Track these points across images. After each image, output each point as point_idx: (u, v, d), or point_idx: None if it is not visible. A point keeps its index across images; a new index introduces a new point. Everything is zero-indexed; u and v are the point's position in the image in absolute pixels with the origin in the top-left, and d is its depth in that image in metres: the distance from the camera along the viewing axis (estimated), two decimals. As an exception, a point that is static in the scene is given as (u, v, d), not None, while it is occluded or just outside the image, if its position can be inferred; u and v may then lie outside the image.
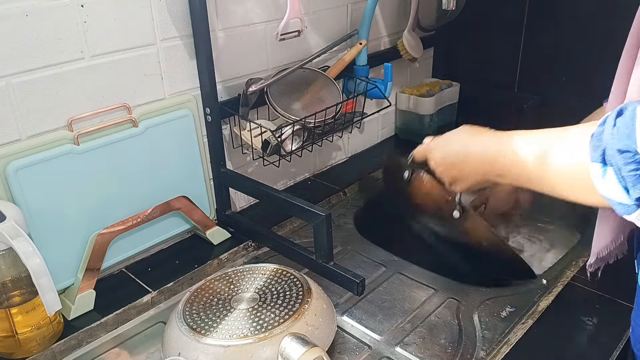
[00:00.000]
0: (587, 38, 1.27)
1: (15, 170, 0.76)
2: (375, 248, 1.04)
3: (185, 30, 0.93)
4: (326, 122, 1.07)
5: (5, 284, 0.74)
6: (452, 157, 0.79)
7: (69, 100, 0.82)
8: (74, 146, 0.82)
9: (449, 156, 0.80)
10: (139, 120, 0.89)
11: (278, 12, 1.06)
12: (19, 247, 0.68)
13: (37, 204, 0.79)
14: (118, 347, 0.83)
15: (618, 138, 0.54)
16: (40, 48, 0.77)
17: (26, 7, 0.74)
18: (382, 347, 0.80)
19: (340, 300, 0.89)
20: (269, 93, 1.03)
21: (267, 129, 1.01)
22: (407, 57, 1.35)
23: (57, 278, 0.82)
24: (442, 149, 0.81)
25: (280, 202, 0.91)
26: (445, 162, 0.80)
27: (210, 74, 0.94)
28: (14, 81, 0.76)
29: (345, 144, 1.36)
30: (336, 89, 1.12)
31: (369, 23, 1.18)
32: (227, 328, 0.73)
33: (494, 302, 0.87)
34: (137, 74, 0.89)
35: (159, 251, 1.00)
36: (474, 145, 0.76)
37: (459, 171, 0.78)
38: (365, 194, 1.24)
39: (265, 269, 0.86)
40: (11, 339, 0.75)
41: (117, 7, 0.84)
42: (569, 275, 0.91)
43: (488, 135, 0.75)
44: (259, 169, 1.14)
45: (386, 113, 1.44)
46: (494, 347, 0.78)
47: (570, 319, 0.83)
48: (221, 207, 1.05)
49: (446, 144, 0.81)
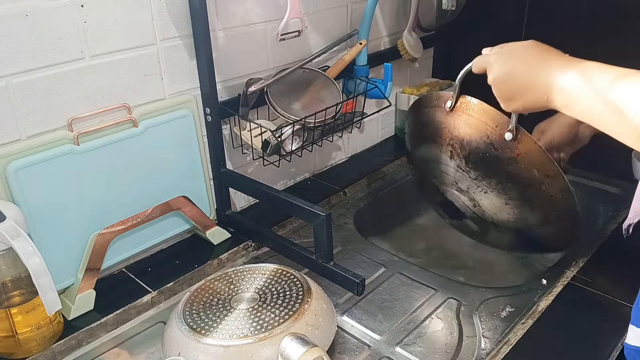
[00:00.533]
0: (587, 38, 1.27)
1: (15, 170, 0.76)
2: (375, 248, 1.04)
3: (185, 30, 0.93)
4: (326, 122, 1.07)
5: (5, 284, 0.74)
6: (516, 75, 0.72)
7: (69, 100, 0.82)
8: (74, 146, 0.82)
9: (512, 74, 0.73)
10: (139, 120, 0.89)
11: (278, 12, 1.06)
12: (19, 247, 0.68)
13: (37, 204, 0.79)
14: (118, 347, 0.83)
15: None
16: (40, 48, 0.77)
17: (26, 7, 0.74)
18: (382, 347, 0.80)
19: (340, 300, 0.89)
20: (269, 93, 1.03)
21: (267, 129, 1.01)
22: (407, 57, 1.35)
23: (57, 278, 0.82)
24: (506, 65, 0.74)
25: (280, 202, 0.91)
26: (507, 79, 0.73)
27: (210, 74, 0.94)
28: (14, 81, 0.76)
29: (345, 144, 1.36)
30: (336, 89, 1.12)
31: (369, 23, 1.18)
32: (227, 328, 0.73)
33: (494, 302, 0.87)
34: (137, 74, 0.89)
35: (159, 251, 1.00)
36: (543, 67, 0.69)
37: (521, 90, 0.72)
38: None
39: (265, 269, 0.86)
40: (11, 339, 0.75)
41: (117, 7, 0.84)
42: (569, 275, 0.91)
43: (559, 58, 0.69)
44: (259, 169, 1.14)
45: (386, 113, 1.44)
46: (494, 347, 0.78)
47: (570, 319, 0.83)
48: (221, 207, 1.05)
49: (511, 59, 0.74)
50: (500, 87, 0.74)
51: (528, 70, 0.71)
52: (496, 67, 0.75)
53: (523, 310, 0.85)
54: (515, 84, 0.72)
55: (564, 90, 0.66)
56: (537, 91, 0.70)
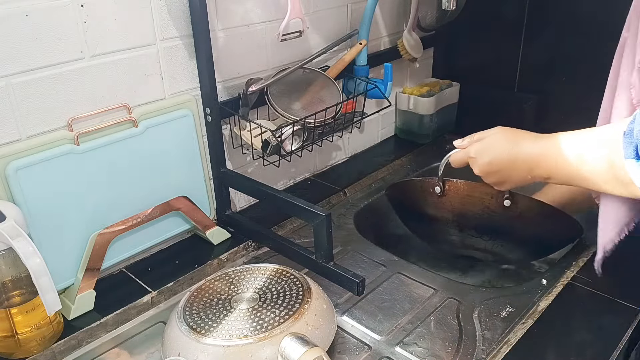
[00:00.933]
0: (587, 38, 1.27)
1: (15, 170, 0.76)
2: (375, 248, 1.04)
3: (185, 30, 0.93)
4: (326, 122, 1.07)
5: (5, 284, 0.74)
6: (497, 163, 0.82)
7: (69, 100, 0.82)
8: (74, 146, 0.82)
9: (494, 162, 0.82)
10: (139, 120, 0.89)
11: (278, 12, 1.06)
12: (19, 247, 0.68)
13: (37, 204, 0.79)
14: (118, 347, 0.83)
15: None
16: (40, 48, 0.77)
17: (26, 7, 0.74)
18: (382, 347, 0.80)
19: (340, 300, 0.89)
20: (269, 93, 1.03)
21: (267, 129, 1.01)
22: (407, 57, 1.35)
23: (57, 278, 0.82)
24: (486, 156, 0.83)
25: (280, 202, 0.91)
26: (492, 168, 0.83)
27: (210, 74, 0.94)
28: (14, 81, 0.76)
29: (345, 144, 1.36)
30: (336, 89, 1.12)
31: (369, 23, 1.18)
32: (227, 328, 0.73)
33: (494, 302, 0.87)
34: (137, 74, 0.89)
35: (159, 251, 1.00)
36: (519, 151, 0.79)
37: (507, 175, 0.82)
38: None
39: (265, 269, 0.86)
40: (11, 339, 0.75)
41: (117, 7, 0.84)
42: (569, 275, 0.91)
43: (529, 139, 0.79)
44: (259, 169, 1.14)
45: (386, 113, 1.44)
46: (494, 347, 0.78)
47: (570, 319, 0.83)
48: (221, 207, 1.05)
49: (489, 150, 0.83)
50: (488, 175, 0.84)
51: (507, 157, 0.80)
52: (479, 161, 0.84)
53: (523, 310, 0.85)
54: (500, 171, 0.82)
55: (542, 166, 0.76)
56: (521, 172, 0.79)
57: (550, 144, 0.75)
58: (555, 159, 0.73)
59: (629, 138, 0.60)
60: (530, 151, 0.78)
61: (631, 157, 0.59)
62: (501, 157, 0.81)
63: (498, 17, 1.41)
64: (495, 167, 0.82)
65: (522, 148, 0.79)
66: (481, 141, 0.85)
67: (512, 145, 0.80)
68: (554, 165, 0.74)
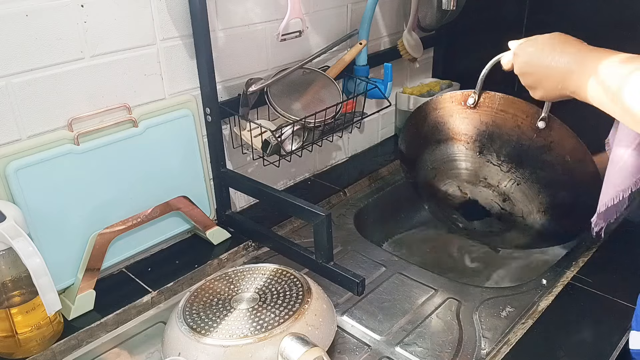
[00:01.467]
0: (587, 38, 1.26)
1: (15, 170, 0.76)
2: (375, 248, 1.04)
3: (185, 30, 0.93)
4: (326, 122, 1.07)
5: (5, 284, 0.74)
6: (535, 62, 0.77)
7: (69, 100, 0.82)
8: (74, 146, 0.82)
9: (532, 60, 0.77)
10: (139, 120, 0.89)
11: (278, 12, 1.06)
12: (19, 247, 0.68)
13: (37, 204, 0.79)
14: (118, 347, 0.82)
15: None
16: (40, 48, 0.77)
17: (26, 7, 0.74)
18: (382, 347, 0.80)
19: (340, 300, 0.89)
20: (269, 93, 1.03)
21: (267, 129, 1.01)
22: (407, 57, 1.35)
23: (57, 278, 0.82)
24: (527, 53, 0.78)
25: (280, 202, 0.91)
26: (529, 68, 0.78)
27: (210, 74, 0.94)
28: (14, 81, 0.76)
29: (345, 144, 1.36)
30: (336, 89, 1.12)
31: (369, 23, 1.18)
32: (227, 328, 0.73)
33: (494, 302, 0.87)
34: (137, 74, 0.89)
35: (159, 251, 1.00)
36: (559, 54, 0.74)
37: (540, 78, 0.77)
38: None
39: (265, 269, 0.86)
40: (11, 339, 0.75)
41: (117, 7, 0.84)
42: (569, 275, 0.91)
43: (575, 47, 0.73)
44: (259, 169, 1.14)
45: (386, 113, 1.44)
46: (494, 347, 0.78)
47: (570, 319, 0.83)
48: (221, 207, 1.05)
49: (531, 48, 0.78)
50: (524, 75, 0.78)
51: (545, 57, 0.75)
52: (520, 57, 0.79)
53: (523, 310, 0.85)
54: (536, 72, 0.76)
55: (574, 75, 0.71)
56: (555, 78, 0.74)
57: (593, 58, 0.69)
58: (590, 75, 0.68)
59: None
60: (569, 58, 0.72)
61: None
62: (539, 57, 0.76)
63: (498, 17, 1.41)
64: (532, 67, 0.77)
65: (563, 52, 0.73)
66: (530, 39, 0.79)
67: (556, 48, 0.74)
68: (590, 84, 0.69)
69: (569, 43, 0.74)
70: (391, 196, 1.26)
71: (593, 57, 0.70)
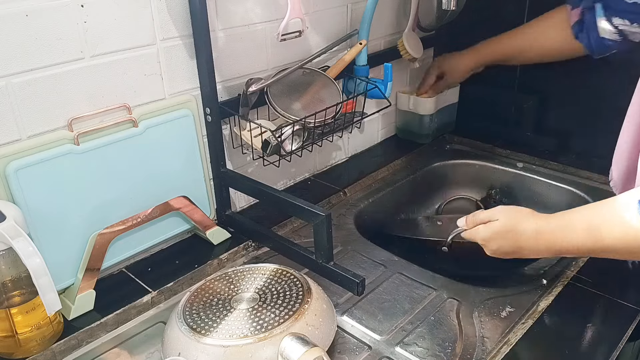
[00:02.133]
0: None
1: (15, 170, 0.76)
2: (375, 248, 1.04)
3: (185, 30, 0.93)
4: (326, 122, 1.07)
5: (5, 284, 0.74)
6: (506, 250, 0.85)
7: (69, 100, 0.82)
8: (74, 146, 0.82)
9: (503, 250, 0.85)
10: (139, 120, 0.89)
11: (278, 12, 1.06)
12: (19, 247, 0.68)
13: (37, 204, 0.79)
14: (118, 347, 0.83)
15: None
16: (40, 48, 0.77)
17: (26, 7, 0.74)
18: (382, 347, 0.80)
19: (340, 300, 0.89)
20: (269, 93, 1.03)
21: (267, 129, 1.01)
22: (407, 57, 1.35)
23: (57, 278, 0.82)
24: (493, 244, 0.86)
25: (280, 202, 0.91)
26: (503, 253, 0.86)
27: (210, 74, 0.94)
28: (14, 81, 0.76)
29: (345, 144, 1.36)
30: (336, 89, 1.12)
31: (369, 23, 1.18)
32: (227, 328, 0.73)
33: (494, 302, 0.87)
34: (137, 74, 0.89)
35: (159, 251, 1.00)
36: (525, 239, 0.81)
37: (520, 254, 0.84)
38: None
39: (265, 269, 0.86)
40: (11, 339, 0.75)
41: (117, 7, 0.84)
42: (569, 275, 0.91)
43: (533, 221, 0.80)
44: (259, 169, 1.14)
45: (386, 113, 1.44)
46: (494, 347, 0.78)
47: (570, 319, 0.83)
48: (221, 207, 1.05)
49: (495, 240, 0.85)
50: (503, 256, 0.86)
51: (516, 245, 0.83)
52: (488, 247, 0.87)
53: (523, 310, 0.85)
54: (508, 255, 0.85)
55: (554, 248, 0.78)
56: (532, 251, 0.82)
57: (558, 227, 0.77)
58: (567, 241, 0.76)
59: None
60: (537, 240, 0.80)
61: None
62: (508, 246, 0.84)
63: (498, 17, 1.41)
64: (505, 252, 0.85)
65: (527, 232, 0.81)
66: (486, 228, 0.86)
67: (517, 235, 0.82)
68: (567, 246, 0.76)
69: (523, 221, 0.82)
70: (391, 196, 1.26)
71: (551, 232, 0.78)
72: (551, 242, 0.78)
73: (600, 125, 1.25)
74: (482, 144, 1.43)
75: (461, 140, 1.48)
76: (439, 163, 1.39)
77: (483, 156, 1.40)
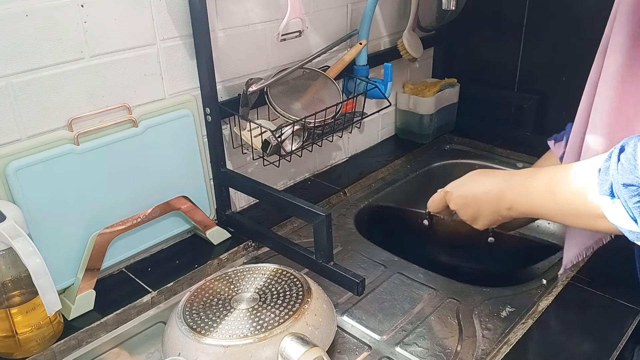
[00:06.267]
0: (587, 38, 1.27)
1: (15, 170, 0.76)
2: (375, 248, 1.04)
3: (185, 30, 0.93)
4: (326, 122, 1.07)
5: (5, 284, 0.74)
6: (469, 193, 0.84)
7: (69, 100, 0.82)
8: (74, 146, 0.82)
9: (466, 192, 0.85)
10: (139, 120, 0.89)
11: (278, 12, 1.06)
12: (19, 247, 0.68)
13: (37, 204, 0.79)
14: (118, 347, 0.83)
15: (622, 173, 0.59)
16: (40, 48, 0.77)
17: (26, 7, 0.74)
18: (382, 347, 0.80)
19: (340, 300, 0.89)
20: (269, 93, 1.03)
21: (267, 129, 1.01)
22: (407, 57, 1.35)
23: (57, 278, 0.82)
24: (460, 188, 0.86)
25: (280, 202, 0.91)
26: (465, 200, 0.85)
27: (210, 74, 0.94)
28: (14, 81, 0.76)
29: (345, 144, 1.36)
30: (336, 89, 1.12)
31: (369, 23, 1.18)
32: (227, 328, 0.73)
33: (494, 302, 0.87)
34: (137, 74, 0.89)
35: (159, 251, 1.00)
36: (489, 180, 0.82)
37: (477, 206, 0.83)
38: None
39: (265, 269, 0.86)
40: (11, 339, 0.75)
41: (117, 7, 0.84)
42: (569, 275, 0.91)
43: (497, 174, 0.82)
44: (259, 169, 1.14)
45: (386, 113, 1.44)
46: (494, 347, 0.78)
47: (570, 319, 0.83)
48: (221, 207, 1.05)
49: (463, 182, 0.86)
50: (462, 209, 0.86)
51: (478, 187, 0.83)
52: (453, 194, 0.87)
53: (523, 310, 0.85)
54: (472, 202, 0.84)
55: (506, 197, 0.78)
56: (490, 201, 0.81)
57: (521, 175, 0.78)
58: (525, 188, 0.75)
59: (604, 175, 0.62)
60: (494, 183, 0.81)
61: (606, 194, 0.61)
62: (472, 187, 0.84)
63: (498, 17, 1.41)
64: (467, 198, 0.85)
65: (487, 181, 0.82)
66: (457, 180, 0.88)
67: (478, 180, 0.84)
68: (517, 197, 0.76)
69: (492, 172, 0.84)
70: (391, 196, 1.26)
71: (517, 174, 0.78)
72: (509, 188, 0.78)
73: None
74: (482, 144, 1.43)
75: (461, 140, 1.48)
76: (439, 163, 1.39)
77: (483, 156, 1.40)
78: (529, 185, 0.75)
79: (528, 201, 0.75)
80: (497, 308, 0.86)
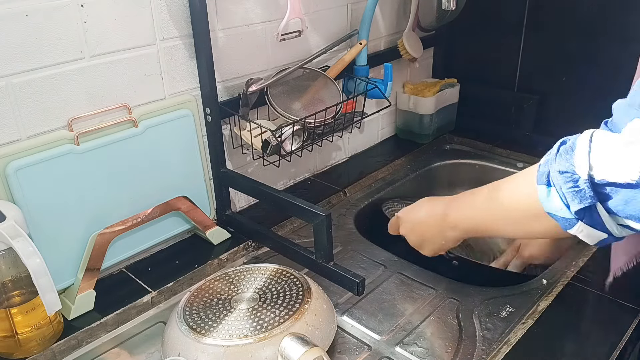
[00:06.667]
0: (587, 38, 1.27)
1: (15, 170, 0.76)
2: (375, 248, 1.03)
3: (185, 30, 0.93)
4: (326, 122, 1.07)
5: (5, 284, 0.74)
6: (415, 218, 0.89)
7: (69, 100, 0.82)
8: (74, 146, 0.82)
9: (410, 221, 0.90)
10: (139, 120, 0.89)
11: (278, 12, 1.06)
12: (19, 247, 0.68)
13: (37, 204, 0.79)
14: (118, 347, 0.83)
15: (559, 161, 0.61)
16: (40, 48, 0.77)
17: (26, 7, 0.74)
18: (382, 347, 0.80)
19: (340, 300, 0.89)
20: (269, 93, 1.03)
21: (267, 129, 1.01)
22: (407, 57, 1.35)
23: (57, 278, 0.82)
24: (406, 217, 0.91)
25: (280, 202, 0.91)
26: (410, 224, 0.90)
27: (210, 74, 0.94)
28: (14, 81, 0.76)
29: (345, 144, 1.36)
30: (336, 89, 1.12)
31: (369, 23, 1.18)
32: (227, 328, 0.73)
33: (494, 302, 0.87)
34: (137, 74, 0.89)
35: (159, 251, 1.00)
36: (430, 208, 0.87)
37: (420, 234, 0.88)
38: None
39: (265, 269, 0.86)
40: (11, 339, 0.75)
41: (117, 7, 0.84)
42: (569, 275, 0.91)
43: (443, 199, 0.86)
44: (259, 169, 1.14)
45: (386, 113, 1.44)
46: (494, 347, 0.78)
47: (570, 319, 0.83)
48: (221, 207, 1.05)
49: (409, 212, 0.91)
50: (409, 234, 0.91)
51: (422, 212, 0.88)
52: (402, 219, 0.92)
53: (523, 310, 0.85)
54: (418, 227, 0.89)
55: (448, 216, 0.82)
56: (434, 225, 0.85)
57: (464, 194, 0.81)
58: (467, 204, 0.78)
59: (544, 167, 0.63)
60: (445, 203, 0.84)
61: (543, 183, 0.62)
62: (419, 212, 0.88)
63: (498, 17, 1.41)
64: (414, 224, 0.88)
65: (440, 201, 0.86)
66: (409, 207, 0.92)
67: (431, 202, 0.88)
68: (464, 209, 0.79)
69: (439, 198, 0.87)
70: (391, 196, 1.26)
71: (462, 194, 0.81)
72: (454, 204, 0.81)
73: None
74: (482, 144, 1.43)
75: (461, 140, 1.48)
76: (439, 163, 1.39)
77: (483, 156, 1.40)
78: (470, 200, 0.78)
79: (470, 215, 0.78)
80: (497, 308, 0.86)
